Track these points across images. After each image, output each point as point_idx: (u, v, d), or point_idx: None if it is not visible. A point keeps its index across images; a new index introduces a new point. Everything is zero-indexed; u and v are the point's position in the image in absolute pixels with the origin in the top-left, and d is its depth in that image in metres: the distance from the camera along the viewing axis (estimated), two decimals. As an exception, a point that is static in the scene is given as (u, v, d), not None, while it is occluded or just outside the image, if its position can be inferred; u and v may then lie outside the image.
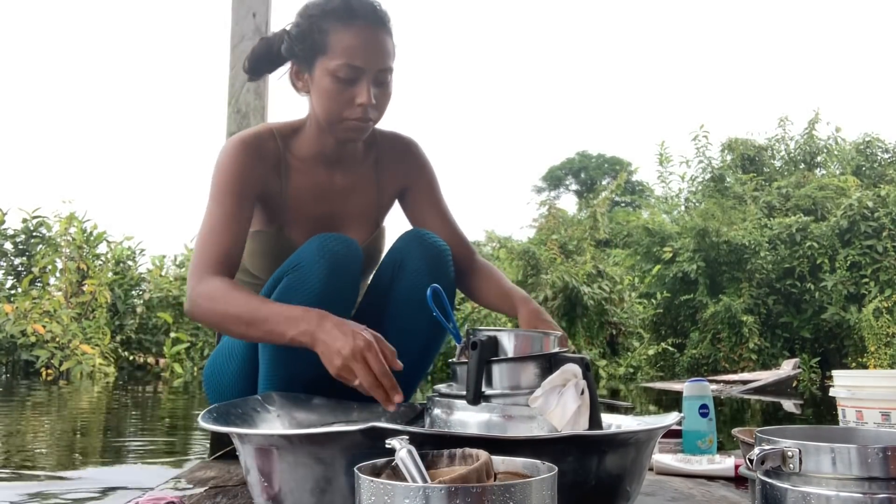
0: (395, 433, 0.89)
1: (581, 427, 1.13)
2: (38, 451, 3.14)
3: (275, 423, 1.38)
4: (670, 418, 1.26)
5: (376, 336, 1.28)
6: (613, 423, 1.39)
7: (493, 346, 1.21)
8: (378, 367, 1.24)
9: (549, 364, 1.20)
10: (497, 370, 1.19)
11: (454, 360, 1.30)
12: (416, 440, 0.84)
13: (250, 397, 1.41)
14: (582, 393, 1.15)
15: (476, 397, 1.16)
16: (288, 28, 1.59)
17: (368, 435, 0.95)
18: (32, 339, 8.97)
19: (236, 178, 1.55)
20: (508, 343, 1.23)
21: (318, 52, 1.51)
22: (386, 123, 1.70)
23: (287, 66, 1.63)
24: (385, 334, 1.60)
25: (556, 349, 1.25)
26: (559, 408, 1.14)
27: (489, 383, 1.19)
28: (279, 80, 1.66)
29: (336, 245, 1.50)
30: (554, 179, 30.95)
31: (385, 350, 1.27)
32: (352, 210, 1.70)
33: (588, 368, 1.17)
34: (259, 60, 1.65)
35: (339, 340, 1.26)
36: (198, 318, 1.47)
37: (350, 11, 1.50)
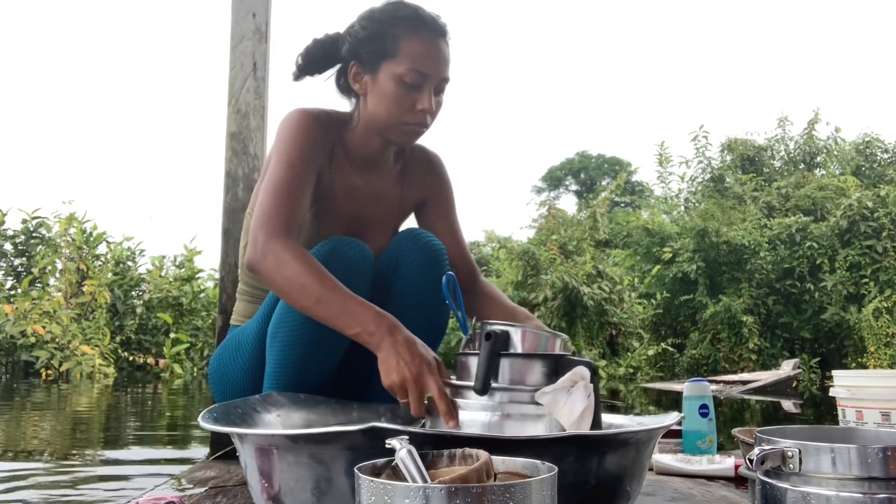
0: (395, 433, 0.89)
1: (584, 428, 1.14)
2: (37, 451, 3.14)
3: (275, 423, 1.38)
4: (670, 418, 1.26)
5: (439, 362, 1.32)
6: (613, 423, 1.39)
7: (505, 339, 1.22)
8: (437, 391, 1.26)
9: (556, 365, 1.21)
10: (505, 364, 1.20)
11: (461, 351, 1.32)
12: (415, 440, 0.84)
13: (251, 397, 1.41)
14: (589, 396, 1.16)
15: (485, 387, 1.17)
16: (352, 30, 1.63)
17: (368, 435, 0.95)
18: (32, 339, 8.96)
19: (307, 145, 1.57)
20: (517, 339, 1.24)
21: (387, 56, 1.56)
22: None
23: (333, 70, 1.68)
24: None
25: (564, 351, 1.26)
26: (567, 406, 1.15)
27: (495, 377, 1.19)
28: (325, 81, 1.70)
29: (349, 249, 1.52)
30: (554, 180, 30.96)
31: (442, 379, 1.28)
32: (376, 215, 1.74)
33: (596, 373, 1.19)
34: (314, 61, 1.67)
35: (405, 357, 1.29)
36: (262, 273, 1.43)
37: (421, 20, 1.58)
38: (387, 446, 0.82)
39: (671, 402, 6.65)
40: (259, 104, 2.19)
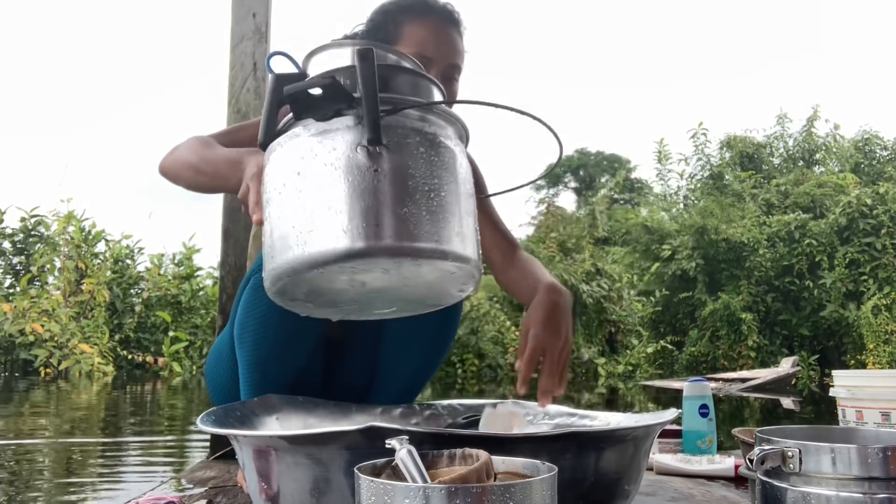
0: (394, 433, 0.89)
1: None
2: (35, 450, 3.14)
3: (273, 425, 1.38)
4: (667, 415, 1.26)
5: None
6: (611, 420, 1.40)
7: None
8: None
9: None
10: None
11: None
12: (415, 440, 0.84)
13: (248, 400, 1.41)
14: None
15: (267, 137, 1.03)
16: (360, 27, 1.61)
17: (367, 435, 0.95)
18: (31, 338, 8.96)
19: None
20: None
21: (391, 43, 1.51)
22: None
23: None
24: (391, 335, 1.61)
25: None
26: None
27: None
28: None
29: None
30: (553, 177, 30.94)
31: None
32: None
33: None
34: None
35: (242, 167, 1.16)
36: (160, 171, 1.42)
37: (426, 6, 1.54)
38: (387, 446, 0.82)
39: (670, 399, 6.65)
40: (259, 104, 2.19)
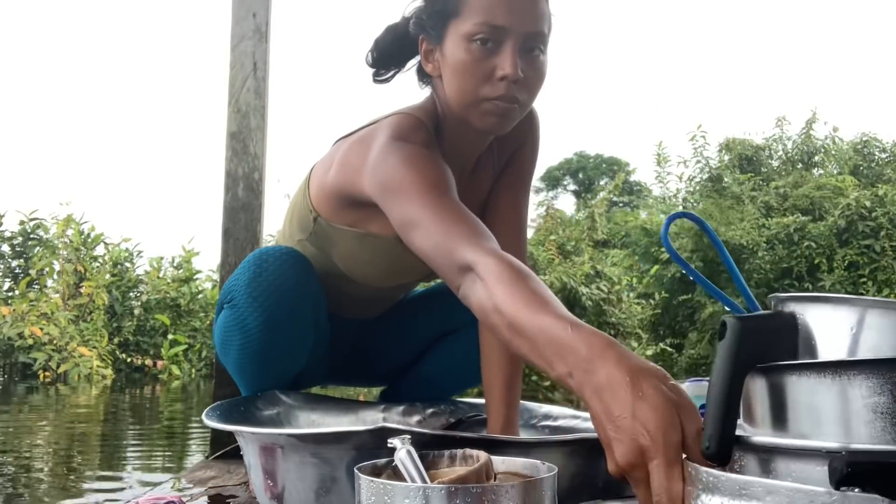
0: (404, 433, 0.89)
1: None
2: (36, 451, 3.13)
3: (277, 421, 1.38)
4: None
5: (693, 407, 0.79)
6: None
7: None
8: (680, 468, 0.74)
9: None
10: None
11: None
12: (421, 440, 0.84)
13: (252, 395, 1.41)
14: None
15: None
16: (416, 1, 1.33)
17: (377, 435, 0.95)
18: (30, 341, 8.95)
19: (439, 175, 1.20)
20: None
21: (451, 15, 1.21)
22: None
23: (415, 60, 1.37)
24: (441, 354, 1.63)
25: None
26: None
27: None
28: (406, 73, 1.40)
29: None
30: (552, 180, 30.97)
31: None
32: (468, 204, 1.35)
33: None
34: (386, 50, 1.37)
35: (640, 416, 0.76)
36: (473, 310, 1.05)
37: None
38: (388, 445, 0.82)
39: (670, 401, 6.65)
40: (259, 104, 2.19)
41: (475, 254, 1.03)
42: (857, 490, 0.64)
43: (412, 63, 1.38)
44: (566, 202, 28.88)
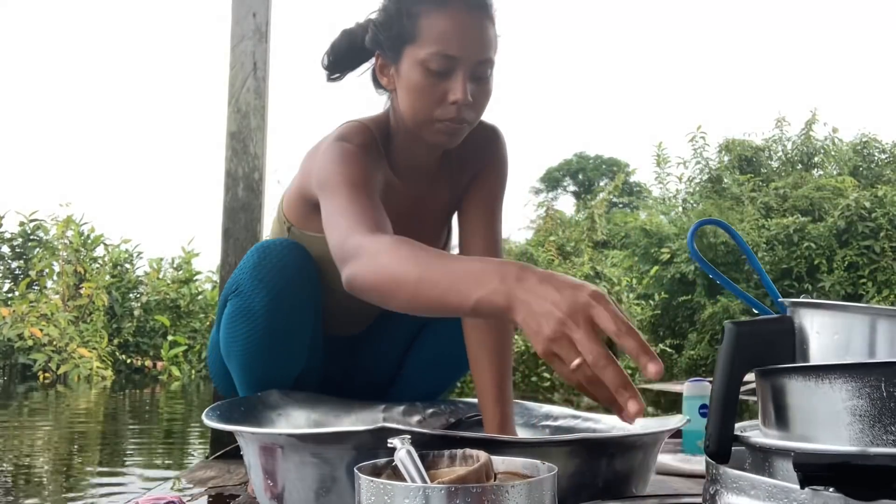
0: (404, 433, 0.89)
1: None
2: (36, 452, 3.13)
3: (277, 421, 1.38)
4: (675, 421, 1.26)
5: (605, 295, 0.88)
6: (618, 425, 1.40)
7: None
8: (612, 318, 0.83)
9: None
10: None
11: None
12: (421, 440, 0.84)
13: (252, 396, 1.41)
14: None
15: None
16: (374, 15, 1.41)
17: (378, 435, 0.95)
18: (30, 342, 8.94)
19: (361, 162, 1.32)
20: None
21: (407, 40, 1.31)
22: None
23: (369, 63, 1.46)
24: (423, 349, 1.60)
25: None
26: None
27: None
28: (359, 77, 1.48)
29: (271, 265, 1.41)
30: (552, 181, 30.96)
31: (621, 315, 0.86)
32: (423, 212, 1.53)
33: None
34: (341, 55, 1.47)
35: (550, 297, 0.85)
36: (358, 288, 1.12)
37: None
38: (388, 445, 0.82)
39: (670, 402, 6.65)
40: (259, 104, 2.20)
41: (364, 237, 1.13)
42: (831, 490, 0.68)
43: (366, 67, 1.47)
44: (566, 203, 28.89)
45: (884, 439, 0.71)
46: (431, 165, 1.50)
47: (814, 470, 0.69)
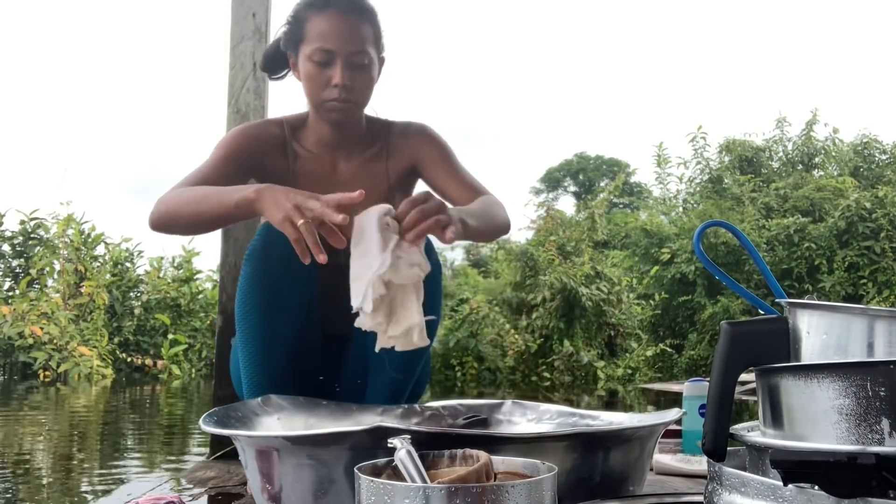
0: (399, 432, 0.89)
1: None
2: (36, 451, 3.14)
3: (275, 425, 1.38)
4: (672, 414, 1.26)
5: (321, 198, 1.31)
6: (614, 419, 1.40)
7: None
8: (317, 213, 1.27)
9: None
10: None
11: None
12: (419, 439, 0.84)
13: (250, 400, 1.41)
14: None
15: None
16: (283, 28, 1.76)
17: (373, 435, 0.95)
18: (30, 340, 8.95)
19: (227, 146, 1.71)
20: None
21: (300, 41, 1.66)
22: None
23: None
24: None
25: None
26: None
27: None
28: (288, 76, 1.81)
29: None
30: (552, 181, 30.95)
31: (327, 208, 1.28)
32: (364, 185, 1.71)
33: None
34: (270, 57, 1.82)
35: (281, 196, 1.33)
36: (155, 224, 1.60)
37: (325, 1, 1.65)
38: (388, 445, 0.82)
39: (670, 402, 6.65)
40: (259, 104, 2.19)
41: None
42: (815, 487, 0.70)
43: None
44: (566, 203, 28.87)
45: (869, 438, 0.72)
46: (351, 145, 1.78)
47: (790, 467, 0.70)
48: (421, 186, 1.86)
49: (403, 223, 1.24)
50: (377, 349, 1.21)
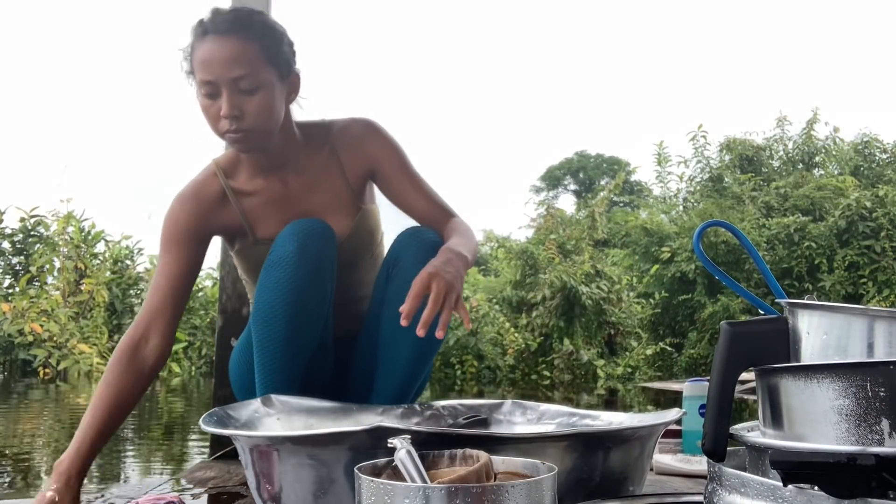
0: (399, 432, 0.89)
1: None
2: (34, 450, 3.14)
3: (275, 425, 1.38)
4: (671, 414, 1.26)
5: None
6: (613, 419, 1.40)
7: None
8: None
9: None
10: None
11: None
12: (419, 439, 0.84)
13: (250, 400, 1.41)
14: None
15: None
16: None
17: (373, 435, 0.95)
18: (30, 338, 8.96)
19: (174, 230, 1.62)
20: None
21: (192, 73, 1.54)
22: (385, 121, 1.71)
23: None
24: (382, 331, 1.61)
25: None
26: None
27: None
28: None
29: (304, 225, 1.57)
30: (552, 179, 30.95)
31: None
32: (320, 203, 1.68)
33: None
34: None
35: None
36: None
37: (202, 28, 1.52)
38: (388, 445, 0.82)
39: (669, 401, 6.65)
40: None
41: (133, 328, 1.66)
42: (815, 488, 0.70)
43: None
44: (566, 202, 28.87)
45: (869, 438, 0.72)
46: (290, 162, 1.66)
47: (790, 468, 0.70)
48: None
49: (422, 318, 1.30)
50: None
